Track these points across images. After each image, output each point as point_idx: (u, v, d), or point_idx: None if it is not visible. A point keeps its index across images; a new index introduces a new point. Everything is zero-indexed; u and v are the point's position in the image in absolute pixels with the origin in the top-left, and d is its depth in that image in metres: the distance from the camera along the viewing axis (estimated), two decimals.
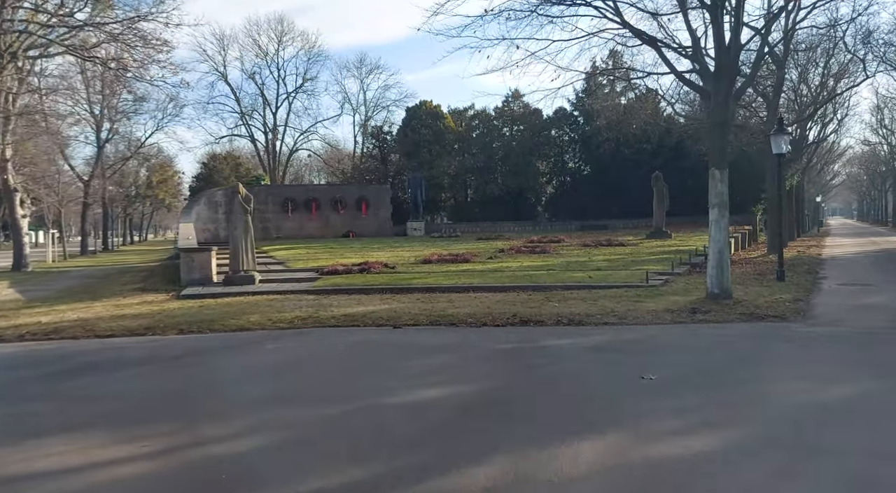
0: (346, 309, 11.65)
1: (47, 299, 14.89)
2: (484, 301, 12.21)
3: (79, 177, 43.14)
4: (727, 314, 9.98)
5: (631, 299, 11.82)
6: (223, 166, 54.47)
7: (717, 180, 10.99)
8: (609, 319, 9.99)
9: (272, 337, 9.21)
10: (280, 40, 53.94)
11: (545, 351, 7.44)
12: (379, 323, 10.24)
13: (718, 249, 11.05)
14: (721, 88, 10.71)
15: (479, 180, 38.47)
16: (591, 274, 15.26)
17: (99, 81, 40.63)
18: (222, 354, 7.78)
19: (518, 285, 14.00)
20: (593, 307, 11.04)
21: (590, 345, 7.80)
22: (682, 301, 11.38)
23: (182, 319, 10.97)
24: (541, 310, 10.94)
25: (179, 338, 9.41)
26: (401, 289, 13.98)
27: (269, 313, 11.39)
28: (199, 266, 15.89)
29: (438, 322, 10.17)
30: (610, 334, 8.71)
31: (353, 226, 32.97)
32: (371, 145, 44.66)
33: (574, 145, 39.99)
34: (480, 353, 7.39)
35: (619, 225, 34.18)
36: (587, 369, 6.44)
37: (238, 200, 15.77)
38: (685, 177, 33.00)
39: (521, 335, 8.78)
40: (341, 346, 8.11)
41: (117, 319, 11.23)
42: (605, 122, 36.26)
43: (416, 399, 5.32)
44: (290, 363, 7.10)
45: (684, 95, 29.02)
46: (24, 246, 27.11)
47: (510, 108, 38.74)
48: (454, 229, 33.92)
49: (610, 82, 37.57)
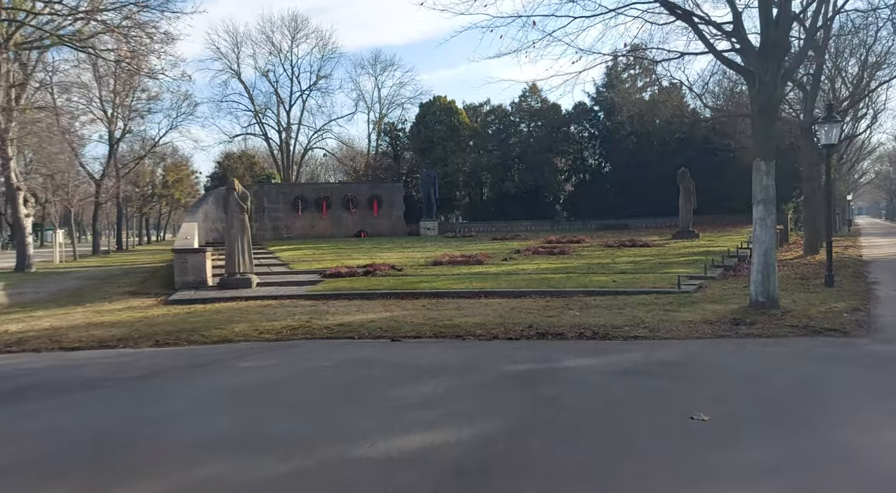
0: (342, 317, 10.51)
1: (32, 303, 13.98)
2: (496, 309, 10.99)
3: (90, 175, 42.64)
4: (777, 327, 8.63)
5: (662, 308, 10.51)
6: (237, 165, 53.90)
7: (762, 173, 9.62)
8: (639, 331, 8.72)
9: (253, 352, 8.09)
10: (294, 37, 53.21)
11: (566, 376, 6.19)
12: (376, 335, 9.09)
13: (764, 251, 9.69)
14: (768, 68, 9.34)
15: (494, 178, 37.07)
16: (615, 278, 13.94)
17: (112, 80, 40.09)
18: (187, 375, 6.65)
19: (534, 290, 12.75)
20: (620, 317, 9.76)
21: (619, 367, 6.53)
22: (721, 311, 10.04)
23: (161, 328, 9.92)
24: (560, 320, 9.70)
25: (149, 352, 8.33)
26: (406, 294, 12.81)
27: (258, 321, 10.29)
28: (192, 268, 14.88)
29: (443, 334, 8.98)
30: (641, 352, 7.43)
31: (365, 225, 31.91)
32: (384, 143, 43.60)
33: (594, 141, 38.42)
34: (487, 378, 6.16)
35: (642, 224, 32.63)
36: (619, 404, 5.18)
37: (234, 197, 14.72)
38: (712, 174, 31.36)
39: (536, 352, 7.55)
40: (327, 365, 6.94)
41: (92, 328, 10.21)
42: (626, 116, 34.88)
43: (398, 451, 4.10)
44: (259, 390, 5.94)
45: (714, 84, 27.48)
46: (28, 246, 26.41)
47: (527, 103, 37.30)
48: (468, 229, 32.66)
49: (632, 78, 36.06)
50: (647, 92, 36.16)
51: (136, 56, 17.21)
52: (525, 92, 37.32)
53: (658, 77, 22.50)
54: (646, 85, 36.26)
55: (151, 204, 62.08)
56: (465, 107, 38.40)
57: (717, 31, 10.34)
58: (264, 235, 31.28)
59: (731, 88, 29.78)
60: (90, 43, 18.03)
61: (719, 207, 32.36)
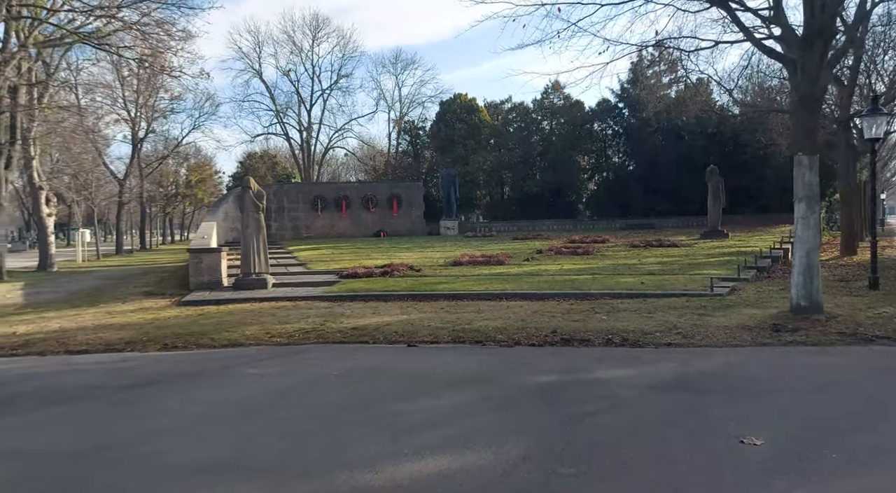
0: (357, 320, 10.07)
1: (47, 303, 13.82)
2: (518, 312, 10.46)
3: (113, 175, 42.98)
4: (823, 334, 7.97)
5: (695, 312, 9.88)
6: (259, 165, 54.15)
7: (804, 168, 8.94)
8: (672, 338, 8.12)
9: (262, 358, 7.68)
10: (315, 37, 53.22)
11: (595, 390, 5.65)
12: (391, 339, 8.63)
13: (807, 251, 9.02)
14: (811, 56, 8.67)
15: (516, 177, 36.48)
16: (643, 280, 13.30)
17: (135, 80, 40.35)
18: (186, 384, 6.25)
19: (558, 293, 12.18)
20: (650, 322, 9.17)
21: (654, 379, 5.97)
22: (759, 315, 9.38)
23: (171, 331, 9.58)
24: (586, 324, 9.14)
25: (154, 357, 7.97)
26: (423, 296, 12.34)
27: (270, 324, 9.91)
28: (207, 269, 14.59)
29: (462, 339, 8.48)
30: (676, 361, 6.85)
31: (385, 225, 31.56)
32: (404, 141, 43.24)
33: (618, 139, 37.58)
34: (508, 391, 5.65)
35: (668, 224, 31.73)
36: (659, 425, 4.62)
37: (249, 196, 14.39)
38: (740, 172, 30.33)
39: (562, 361, 7.01)
40: (336, 373, 6.49)
41: (101, 330, 9.92)
42: (652, 113, 33.99)
43: (408, 478, 3.61)
44: (260, 402, 5.50)
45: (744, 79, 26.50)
46: (50, 246, 26.55)
47: (549, 100, 36.62)
48: (489, 228, 32.11)
49: (657, 74, 35.16)
50: (673, 88, 35.27)
51: (154, 53, 16.98)
52: (547, 89, 36.69)
53: (687, 71, 21.67)
54: (671, 82, 35.34)
55: (175, 204, 62.66)
56: (486, 105, 37.86)
57: (756, 18, 9.69)
58: (284, 235, 31.11)
59: (760, 82, 28.80)
60: (109, 41, 17.85)
61: (748, 206, 31.36)
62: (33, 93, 24.67)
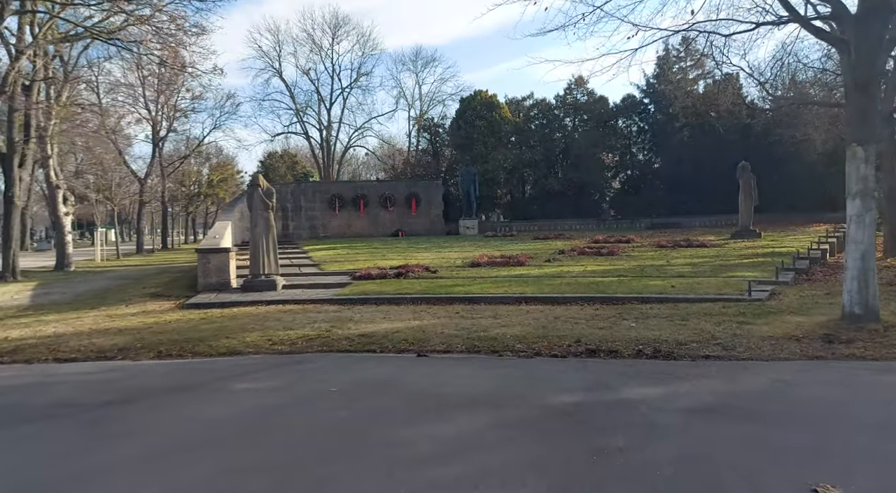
0: (366, 326, 9.42)
1: (51, 305, 13.43)
2: (538, 317, 9.71)
3: (134, 174, 43.07)
4: (884, 347, 7.08)
5: (733, 319, 9.04)
6: (279, 165, 54.01)
7: (859, 160, 8.04)
8: (710, 349, 7.31)
9: (258, 369, 7.06)
10: (334, 35, 52.86)
11: (626, 413, 4.89)
12: (401, 348, 7.96)
13: (861, 253, 8.12)
14: (868, 35, 7.77)
15: (537, 175, 35.51)
16: (673, 283, 12.44)
17: (155, 79, 40.39)
18: (168, 401, 5.63)
19: (582, 296, 11.40)
20: (684, 330, 8.36)
21: (694, 401, 5.19)
22: (806, 324, 8.50)
23: (168, 337, 9.03)
24: (613, 332, 8.36)
25: (144, 366, 7.41)
26: (438, 299, 11.65)
27: (273, 329, 9.31)
28: (215, 269, 14.09)
29: (477, 348, 7.78)
30: (719, 378, 6.05)
31: (403, 224, 30.96)
32: (424, 139, 42.58)
33: (643, 136, 36.41)
34: (527, 415, 4.92)
35: (695, 223, 30.57)
36: (707, 461, 3.86)
37: (258, 193, 13.85)
38: (771, 169, 29.04)
39: (587, 376, 6.26)
40: (335, 389, 5.82)
41: (97, 335, 9.41)
42: (679, 108, 32.85)
43: None
44: (244, 426, 4.84)
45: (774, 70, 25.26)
46: (67, 245, 26.45)
47: (572, 95, 35.59)
48: (510, 228, 31.27)
49: (683, 70, 34.02)
50: (700, 83, 34.09)
51: (164, 47, 16.55)
52: (570, 84, 35.70)
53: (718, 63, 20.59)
54: (697, 78, 34.18)
55: (197, 203, 62.94)
56: (506, 101, 36.97)
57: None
58: (301, 235, 30.69)
59: (792, 75, 27.52)
60: (119, 36, 17.49)
61: (779, 205, 30.00)
62: (49, 91, 24.58)
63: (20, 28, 19.51)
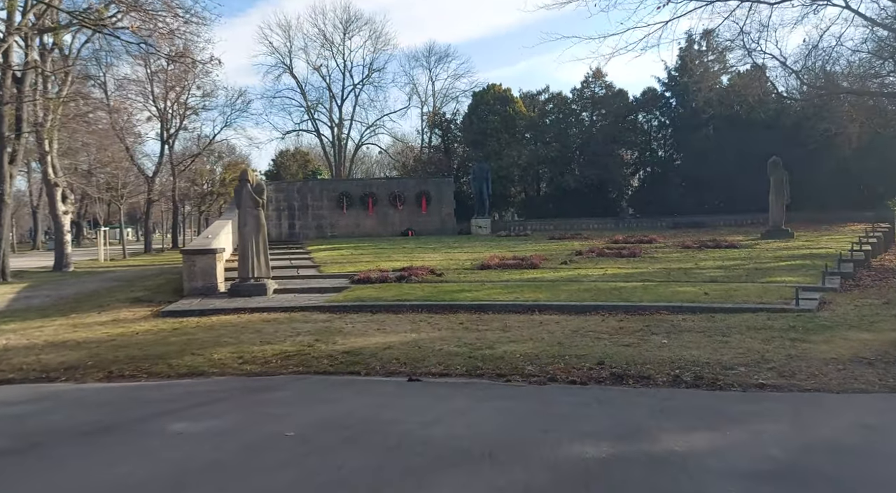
0: (355, 340, 8.22)
1: (23, 310, 12.42)
2: (553, 330, 8.43)
3: (142, 172, 42.36)
4: None
5: (783, 335, 7.68)
6: (291, 163, 53.10)
7: None
8: (763, 375, 5.99)
9: (211, 398, 5.85)
10: (346, 30, 51.82)
11: (670, 479, 3.61)
12: (390, 368, 6.74)
13: None
14: None
15: (553, 172, 34.04)
16: (705, 289, 11.07)
17: (164, 75, 39.67)
18: (77, 451, 4.42)
19: (603, 304, 10.09)
20: (727, 349, 7.03)
21: (757, 459, 3.89)
22: (874, 342, 7.12)
23: (128, 352, 7.89)
24: (642, 351, 7.06)
25: (82, 393, 6.25)
26: (441, 307, 10.40)
27: (249, 344, 8.13)
28: (201, 272, 12.97)
29: (480, 370, 6.53)
30: (782, 419, 4.74)
31: (413, 223, 29.74)
32: (435, 136, 41.31)
33: (664, 131, 34.79)
34: (536, 480, 3.65)
35: (720, 222, 28.98)
36: None
37: (247, 189, 12.70)
38: (801, 165, 27.22)
39: (614, 414, 4.97)
40: (291, 433, 4.59)
41: (50, 349, 8.30)
42: (703, 101, 31.25)
43: None
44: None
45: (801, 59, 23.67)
46: (66, 245, 25.56)
47: (590, 89, 34.08)
48: (524, 227, 29.90)
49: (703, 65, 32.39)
50: (725, 77, 32.46)
51: (152, 33, 15.49)
52: (588, 77, 34.23)
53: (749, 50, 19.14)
54: (720, 71, 32.55)
55: (210, 201, 62.33)
56: (521, 95, 35.58)
57: None
58: (307, 234, 29.63)
59: (822, 65, 25.82)
60: (107, 22, 16.47)
61: (810, 203, 28.27)
62: (47, 85, 23.71)
63: (9, 17, 18.60)
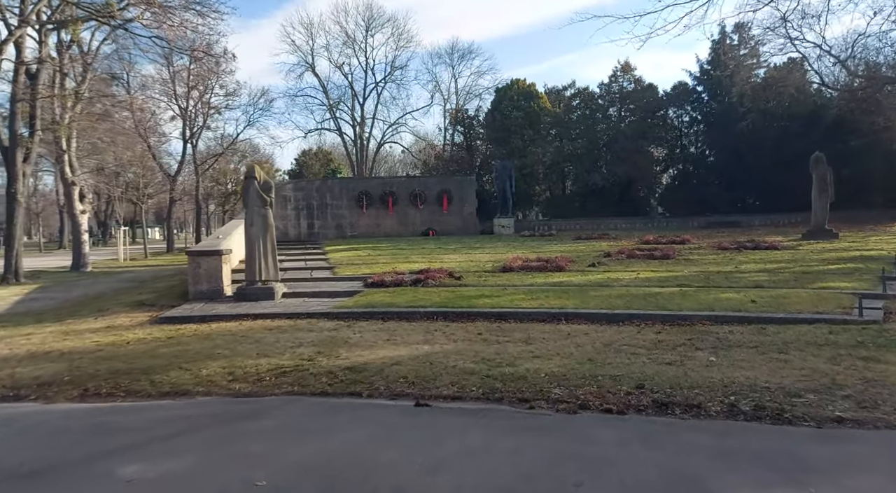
0: (360, 353, 7.39)
1: (23, 314, 11.89)
2: (583, 344, 7.49)
3: (164, 171, 42.28)
4: None
5: (852, 352, 6.63)
6: (313, 162, 52.79)
7: None
8: (837, 404, 5.00)
9: (186, 427, 5.05)
10: (368, 27, 51.21)
11: None
12: (396, 390, 5.89)
13: None
14: None
15: (579, 170, 32.92)
16: (751, 296, 9.98)
17: (186, 74, 39.58)
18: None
19: (637, 313, 9.10)
20: (787, 370, 6.02)
21: None
22: None
23: (111, 365, 7.18)
24: (687, 371, 6.09)
25: (46, 416, 5.52)
26: (458, 314, 9.51)
27: (244, 357, 7.36)
28: (206, 275, 12.30)
29: (498, 393, 5.64)
30: (876, 467, 3.77)
31: (434, 223, 28.92)
32: (458, 133, 40.41)
33: (696, 127, 33.41)
34: None
35: (755, 221, 27.56)
36: None
37: (254, 187, 11.98)
38: (844, 162, 25.65)
39: (663, 459, 4.04)
40: (262, 482, 3.77)
41: (29, 360, 7.65)
42: (737, 96, 29.87)
43: None
44: None
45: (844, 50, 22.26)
46: (84, 244, 25.29)
47: (618, 83, 32.87)
48: (549, 227, 28.86)
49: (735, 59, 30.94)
50: (761, 69, 31.02)
51: (160, 24, 14.93)
52: (616, 71, 33.06)
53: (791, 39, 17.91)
54: (754, 65, 31.11)
55: (234, 201, 62.33)
56: (546, 91, 34.54)
57: None
58: (326, 234, 29.00)
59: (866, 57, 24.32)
60: (120, 16, 15.97)
61: (853, 202, 26.67)
62: (64, 81, 23.43)
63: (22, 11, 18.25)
